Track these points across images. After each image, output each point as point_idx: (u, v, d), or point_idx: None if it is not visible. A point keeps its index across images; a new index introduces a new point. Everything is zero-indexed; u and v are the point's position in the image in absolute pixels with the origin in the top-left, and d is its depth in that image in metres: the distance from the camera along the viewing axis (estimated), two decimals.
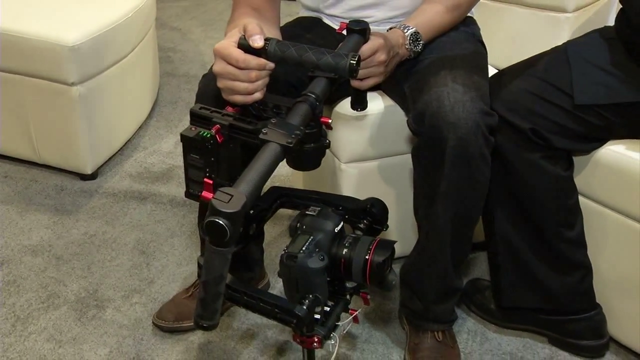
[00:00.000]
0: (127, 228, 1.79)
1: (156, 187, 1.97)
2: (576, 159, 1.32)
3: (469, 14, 1.41)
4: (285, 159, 0.93)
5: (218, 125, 0.94)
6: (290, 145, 0.87)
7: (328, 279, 0.93)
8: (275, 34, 1.21)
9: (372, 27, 1.34)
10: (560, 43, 1.36)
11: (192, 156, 0.97)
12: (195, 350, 1.41)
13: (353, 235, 0.97)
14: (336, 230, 0.94)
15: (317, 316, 0.92)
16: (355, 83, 1.15)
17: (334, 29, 1.37)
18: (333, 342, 0.96)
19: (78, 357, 1.40)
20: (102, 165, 2.02)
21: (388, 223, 1.05)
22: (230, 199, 0.76)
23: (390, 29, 1.23)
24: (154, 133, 2.24)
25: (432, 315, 1.36)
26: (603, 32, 1.32)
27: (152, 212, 1.85)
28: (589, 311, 1.37)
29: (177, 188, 1.96)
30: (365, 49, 1.10)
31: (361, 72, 1.10)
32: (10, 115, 1.95)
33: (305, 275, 0.90)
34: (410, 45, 1.22)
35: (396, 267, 1.58)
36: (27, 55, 1.82)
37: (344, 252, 0.94)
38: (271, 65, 0.98)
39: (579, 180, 1.33)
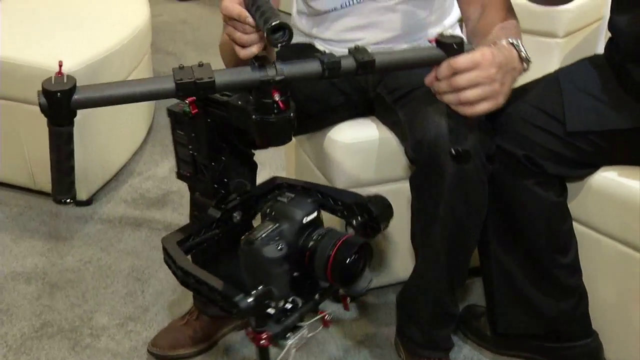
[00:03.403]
0: (122, 254, 1.78)
1: (151, 213, 1.97)
2: (570, 185, 1.33)
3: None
4: (256, 139, 0.89)
5: (193, 97, 0.92)
6: (178, 82, 0.82)
7: (295, 274, 0.88)
8: None
9: None
10: (550, 68, 1.38)
11: (177, 132, 0.97)
12: None
13: (326, 228, 0.90)
14: (305, 221, 0.88)
15: (272, 311, 0.85)
16: (465, 110, 0.95)
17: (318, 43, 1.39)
18: (290, 342, 0.88)
19: None
20: (97, 191, 2.02)
21: (387, 225, 0.96)
22: (60, 82, 0.82)
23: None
24: (149, 158, 2.25)
25: (429, 342, 1.36)
26: (593, 59, 1.34)
27: (148, 238, 1.85)
28: (585, 338, 1.37)
29: (173, 213, 1.96)
30: (461, 57, 0.91)
31: (468, 94, 0.93)
32: (6, 141, 1.95)
33: (260, 264, 0.85)
34: (524, 53, 1.04)
35: (393, 293, 1.59)
36: (23, 82, 1.83)
37: (309, 245, 0.87)
38: (251, 20, 0.91)
39: (573, 206, 1.34)
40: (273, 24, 0.84)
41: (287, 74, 0.87)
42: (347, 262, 0.86)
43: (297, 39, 1.48)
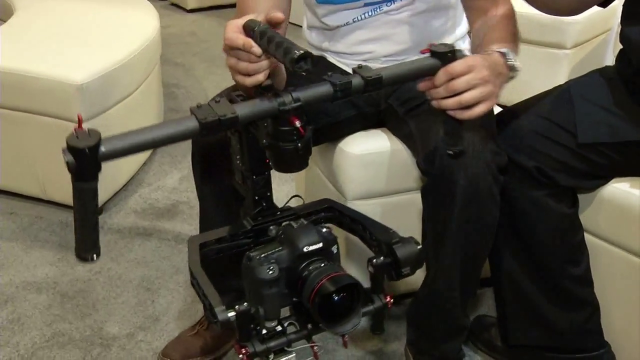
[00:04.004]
0: (132, 264, 1.79)
1: (161, 223, 1.97)
2: (581, 197, 1.33)
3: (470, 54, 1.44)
4: (270, 162, 0.91)
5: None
6: (203, 122, 0.82)
7: (295, 299, 0.88)
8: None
9: (373, 64, 1.36)
10: (559, 79, 1.39)
11: (232, 142, 0.98)
12: None
13: (330, 262, 0.90)
14: (306, 250, 0.88)
15: (261, 330, 0.87)
16: (464, 114, 1.00)
17: (339, 68, 1.39)
18: None
19: None
20: (106, 202, 2.03)
21: (408, 272, 0.93)
22: (84, 137, 0.78)
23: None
24: (158, 169, 2.26)
25: (440, 353, 1.36)
26: (604, 71, 1.34)
27: (157, 248, 1.86)
28: (597, 349, 1.36)
29: (182, 224, 1.96)
30: (457, 63, 0.96)
31: (468, 96, 0.98)
32: (17, 152, 1.96)
33: (252, 282, 0.87)
34: (512, 61, 1.08)
35: (404, 304, 1.59)
36: (35, 93, 1.85)
37: (303, 274, 0.88)
38: (256, 49, 0.92)
39: (585, 218, 1.34)
40: (298, 54, 0.85)
41: (303, 100, 0.89)
42: (329, 298, 0.85)
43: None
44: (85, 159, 0.78)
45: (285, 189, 1.95)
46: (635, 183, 1.29)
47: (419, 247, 0.93)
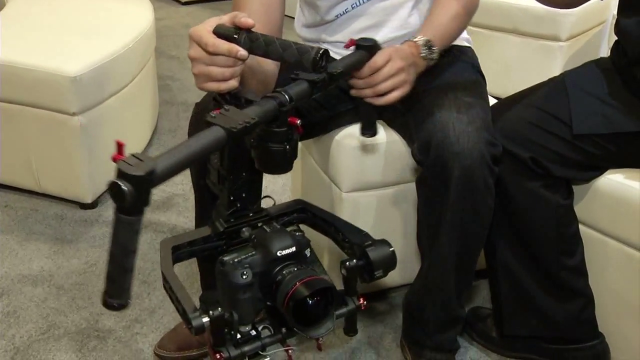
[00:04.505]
0: None
1: (156, 215, 1.97)
2: (576, 188, 1.34)
3: (467, 44, 1.44)
4: (255, 162, 0.91)
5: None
6: (234, 131, 0.81)
7: (269, 303, 0.88)
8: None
9: None
10: (554, 71, 1.39)
11: None
12: None
13: (305, 266, 0.90)
14: (279, 254, 0.88)
15: (235, 334, 0.86)
16: (380, 100, 1.10)
17: (334, 59, 1.39)
18: None
19: None
20: (102, 194, 2.02)
21: (384, 274, 0.94)
22: (139, 164, 0.73)
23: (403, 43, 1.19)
24: None
25: (435, 344, 1.36)
26: (599, 62, 1.34)
27: (153, 241, 1.85)
28: (592, 340, 1.37)
29: (177, 217, 1.96)
30: (378, 57, 1.06)
31: (383, 86, 1.08)
32: (11, 145, 1.95)
33: (226, 286, 0.86)
34: (425, 53, 1.18)
35: (399, 295, 1.60)
36: (29, 86, 1.84)
37: (277, 279, 0.87)
38: (243, 53, 0.93)
39: (579, 209, 1.34)
40: (320, 52, 0.90)
41: (295, 99, 0.90)
42: (303, 302, 0.85)
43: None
44: (145, 187, 0.72)
45: (281, 181, 1.94)
46: (630, 174, 1.29)
47: (392, 249, 0.94)
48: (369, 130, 1.18)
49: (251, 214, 0.98)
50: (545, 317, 1.37)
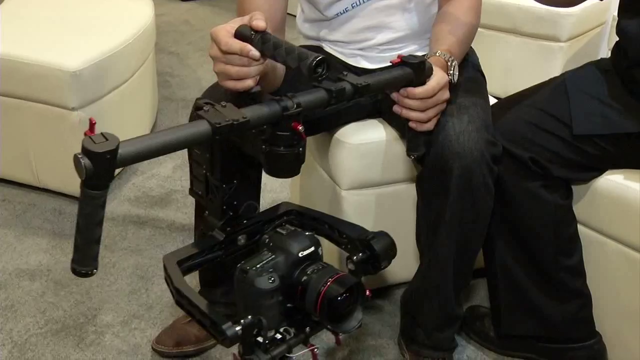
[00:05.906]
0: (126, 252, 1.79)
1: (155, 211, 1.97)
2: (575, 188, 1.34)
3: None
4: (263, 167, 0.91)
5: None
6: (218, 126, 0.81)
7: (289, 305, 0.89)
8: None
9: (370, 53, 1.36)
10: (554, 72, 1.39)
11: (195, 151, 0.96)
12: None
13: (323, 264, 0.92)
14: (301, 255, 0.89)
15: (260, 340, 0.86)
16: (424, 126, 1.13)
17: (335, 57, 1.39)
18: None
19: None
20: None
21: (388, 264, 0.98)
22: (103, 142, 0.75)
23: (428, 56, 1.18)
24: None
25: (433, 342, 1.37)
26: (599, 64, 1.35)
27: (151, 236, 1.85)
28: (589, 340, 1.37)
29: (176, 212, 1.96)
30: (433, 84, 1.07)
31: (432, 112, 1.10)
32: (10, 139, 1.95)
33: (251, 293, 0.87)
34: (452, 78, 1.18)
35: (397, 293, 1.60)
36: (28, 80, 1.83)
37: (302, 279, 0.89)
38: (254, 53, 0.93)
39: (578, 209, 1.35)
40: (316, 59, 0.87)
41: (303, 105, 0.89)
42: (337, 300, 0.87)
43: (303, 42, 1.49)
44: (104, 164, 0.74)
45: (280, 179, 1.94)
46: (629, 175, 1.30)
47: (391, 239, 0.96)
48: (415, 151, 1.18)
49: (245, 221, 0.98)
50: (542, 316, 1.37)
